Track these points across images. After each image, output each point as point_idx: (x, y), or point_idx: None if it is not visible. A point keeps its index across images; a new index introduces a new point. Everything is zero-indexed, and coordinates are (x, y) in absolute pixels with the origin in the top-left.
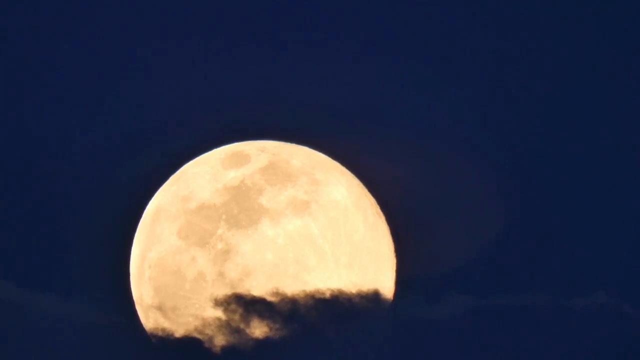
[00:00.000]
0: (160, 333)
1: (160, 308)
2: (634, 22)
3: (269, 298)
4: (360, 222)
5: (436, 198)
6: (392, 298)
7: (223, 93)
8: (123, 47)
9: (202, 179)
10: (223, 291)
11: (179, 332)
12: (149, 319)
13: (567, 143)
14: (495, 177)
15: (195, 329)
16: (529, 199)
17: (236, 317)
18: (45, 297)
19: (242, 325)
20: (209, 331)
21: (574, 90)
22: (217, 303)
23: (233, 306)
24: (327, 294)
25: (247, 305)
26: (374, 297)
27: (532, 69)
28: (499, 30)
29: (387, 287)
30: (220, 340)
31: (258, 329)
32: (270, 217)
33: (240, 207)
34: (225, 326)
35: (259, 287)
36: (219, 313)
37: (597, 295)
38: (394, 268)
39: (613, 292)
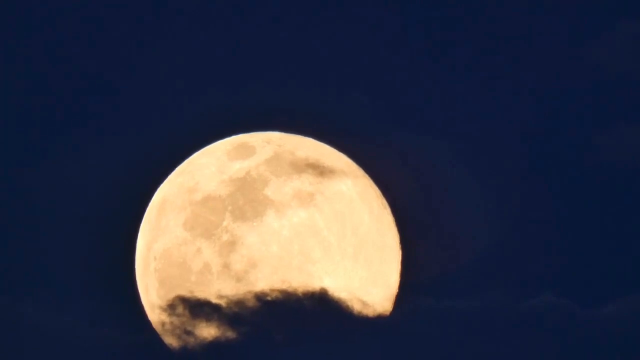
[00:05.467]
0: (165, 325)
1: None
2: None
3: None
4: (365, 213)
5: (442, 190)
6: (395, 290)
7: (228, 84)
8: (129, 40)
9: (208, 171)
10: (228, 283)
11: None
12: (155, 311)
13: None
14: (498, 170)
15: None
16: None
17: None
18: (47, 290)
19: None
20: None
21: (576, 93)
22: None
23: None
24: (272, 296)
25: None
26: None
27: (538, 70)
28: (507, 32)
29: (391, 279)
30: (227, 334)
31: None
32: (276, 208)
33: (246, 199)
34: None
35: (264, 280)
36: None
37: (544, 297)
38: (400, 260)
39: (560, 292)
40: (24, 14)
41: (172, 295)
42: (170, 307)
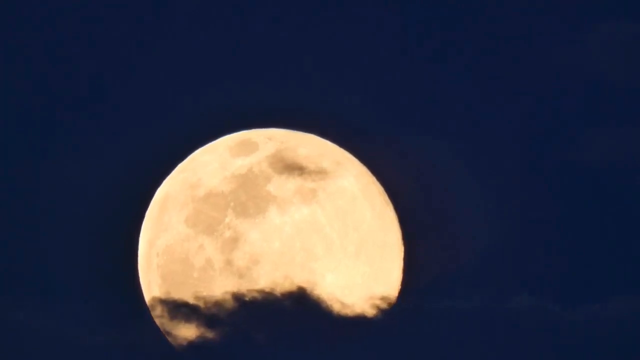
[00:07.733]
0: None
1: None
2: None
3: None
4: (367, 210)
5: (442, 190)
6: (397, 288)
7: (230, 82)
8: (128, 40)
9: (210, 167)
10: (230, 280)
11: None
12: (157, 307)
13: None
14: (498, 170)
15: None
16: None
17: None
18: (48, 290)
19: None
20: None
21: (576, 93)
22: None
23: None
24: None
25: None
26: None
27: (538, 70)
28: (507, 32)
29: (393, 276)
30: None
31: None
32: (278, 205)
33: (248, 195)
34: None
35: (266, 276)
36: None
37: (545, 297)
38: (402, 256)
39: (561, 292)
40: (24, 14)
41: (174, 292)
42: (150, 309)
